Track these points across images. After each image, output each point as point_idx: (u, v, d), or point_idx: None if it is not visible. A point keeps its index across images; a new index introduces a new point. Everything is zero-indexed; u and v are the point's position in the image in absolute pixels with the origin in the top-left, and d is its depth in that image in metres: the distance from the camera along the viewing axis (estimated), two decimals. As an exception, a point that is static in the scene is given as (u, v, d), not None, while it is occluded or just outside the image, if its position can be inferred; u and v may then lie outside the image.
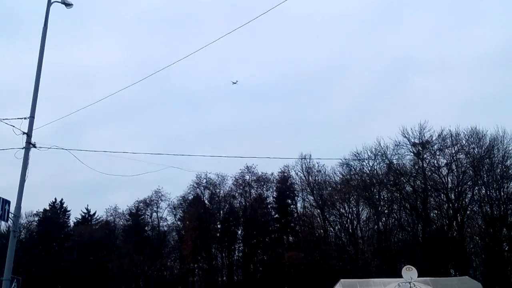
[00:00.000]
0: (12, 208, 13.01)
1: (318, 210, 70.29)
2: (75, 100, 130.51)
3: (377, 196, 65.54)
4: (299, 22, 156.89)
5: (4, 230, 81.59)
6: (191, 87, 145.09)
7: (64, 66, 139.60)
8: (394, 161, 63.77)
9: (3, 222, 77.51)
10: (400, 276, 35.40)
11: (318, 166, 70.45)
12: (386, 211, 65.63)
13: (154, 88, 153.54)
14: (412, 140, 61.65)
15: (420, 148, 61.79)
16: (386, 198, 66.15)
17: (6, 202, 12.67)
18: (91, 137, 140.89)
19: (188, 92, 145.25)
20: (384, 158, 64.50)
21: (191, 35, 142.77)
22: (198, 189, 76.80)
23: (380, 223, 65.35)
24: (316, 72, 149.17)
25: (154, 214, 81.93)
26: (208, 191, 77.42)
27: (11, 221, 13.13)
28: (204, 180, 75.23)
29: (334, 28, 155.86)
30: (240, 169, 74.61)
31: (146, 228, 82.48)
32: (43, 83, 14.21)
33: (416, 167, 62.98)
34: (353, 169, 67.74)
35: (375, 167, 66.84)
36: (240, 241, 77.44)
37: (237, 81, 77.04)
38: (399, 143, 62.17)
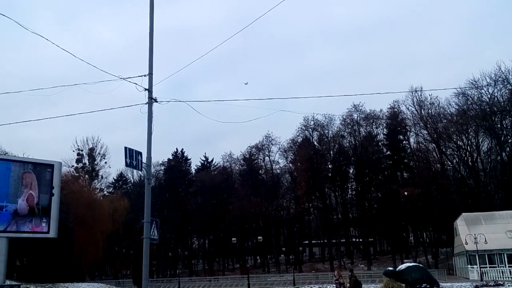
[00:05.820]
0: (144, 159, 14.06)
1: (433, 144, 67.55)
2: (181, 59, 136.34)
3: (499, 125, 60.93)
4: None
5: (137, 180, 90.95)
6: (289, 33, 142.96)
7: (166, 27, 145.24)
8: (518, 86, 58.34)
9: (135, 172, 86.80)
10: (529, 208, 33.46)
11: (431, 98, 67.09)
12: (510, 141, 60.96)
13: (253, 39, 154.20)
14: (540, 60, 55.56)
15: (549, 68, 55.47)
16: (509, 127, 61.20)
17: (139, 153, 13.72)
18: (199, 92, 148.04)
19: (286, 39, 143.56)
20: (506, 83, 59.30)
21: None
22: (306, 131, 77.66)
23: (504, 154, 61.02)
24: (420, 2, 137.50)
25: (267, 158, 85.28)
26: (316, 132, 78.02)
27: (144, 170, 14.44)
28: (312, 122, 75.71)
29: None
30: (347, 108, 73.71)
31: (260, 171, 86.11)
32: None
33: (545, 90, 57.01)
34: (470, 99, 63.38)
35: (496, 94, 61.81)
36: (352, 179, 77.69)
37: (247, 82, 79.42)
38: (524, 65, 56.42)
